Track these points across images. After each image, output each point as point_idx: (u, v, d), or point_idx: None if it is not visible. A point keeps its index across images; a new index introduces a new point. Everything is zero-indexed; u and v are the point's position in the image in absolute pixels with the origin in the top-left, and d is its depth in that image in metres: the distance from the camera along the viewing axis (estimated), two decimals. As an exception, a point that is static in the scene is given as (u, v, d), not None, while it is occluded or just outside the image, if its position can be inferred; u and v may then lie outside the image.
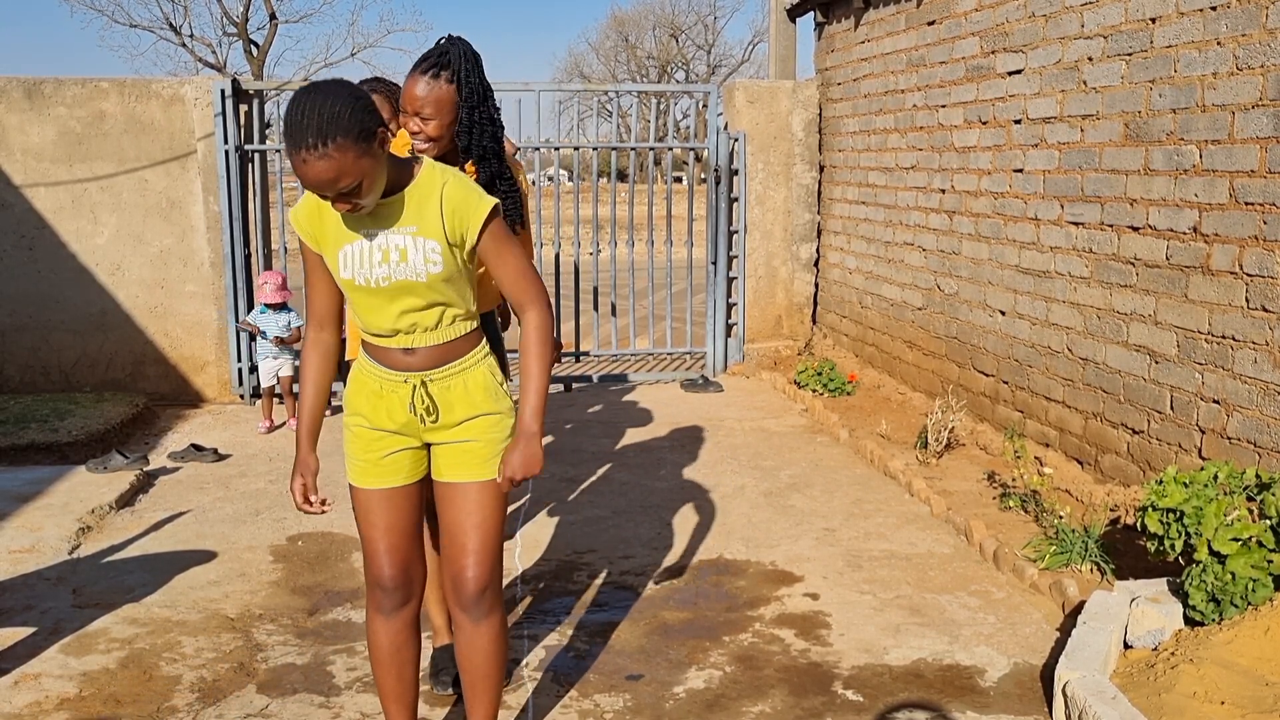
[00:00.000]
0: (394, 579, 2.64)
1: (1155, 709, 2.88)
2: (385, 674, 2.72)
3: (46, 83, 6.95)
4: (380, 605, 2.67)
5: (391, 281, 2.43)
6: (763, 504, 5.08)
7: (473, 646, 2.65)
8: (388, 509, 2.63)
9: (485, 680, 2.68)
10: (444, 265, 2.43)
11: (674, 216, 13.44)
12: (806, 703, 3.25)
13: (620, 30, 43.38)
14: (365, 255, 2.44)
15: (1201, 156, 4.32)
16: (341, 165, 2.23)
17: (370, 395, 2.59)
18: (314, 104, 2.23)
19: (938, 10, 6.44)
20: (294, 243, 8.08)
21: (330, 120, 2.21)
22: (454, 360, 2.55)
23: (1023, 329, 5.62)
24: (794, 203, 8.42)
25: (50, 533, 4.61)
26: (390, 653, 2.70)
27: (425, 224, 2.43)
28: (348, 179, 2.26)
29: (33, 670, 3.44)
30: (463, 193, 2.45)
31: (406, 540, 2.66)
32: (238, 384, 7.27)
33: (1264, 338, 4.01)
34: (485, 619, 2.63)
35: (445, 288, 2.47)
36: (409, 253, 2.42)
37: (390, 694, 2.74)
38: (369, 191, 2.32)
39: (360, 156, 2.26)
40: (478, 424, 2.57)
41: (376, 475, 2.61)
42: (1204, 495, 3.38)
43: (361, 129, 2.25)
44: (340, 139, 2.22)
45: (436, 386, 2.54)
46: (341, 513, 5.01)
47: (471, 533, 2.59)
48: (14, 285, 7.00)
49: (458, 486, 2.59)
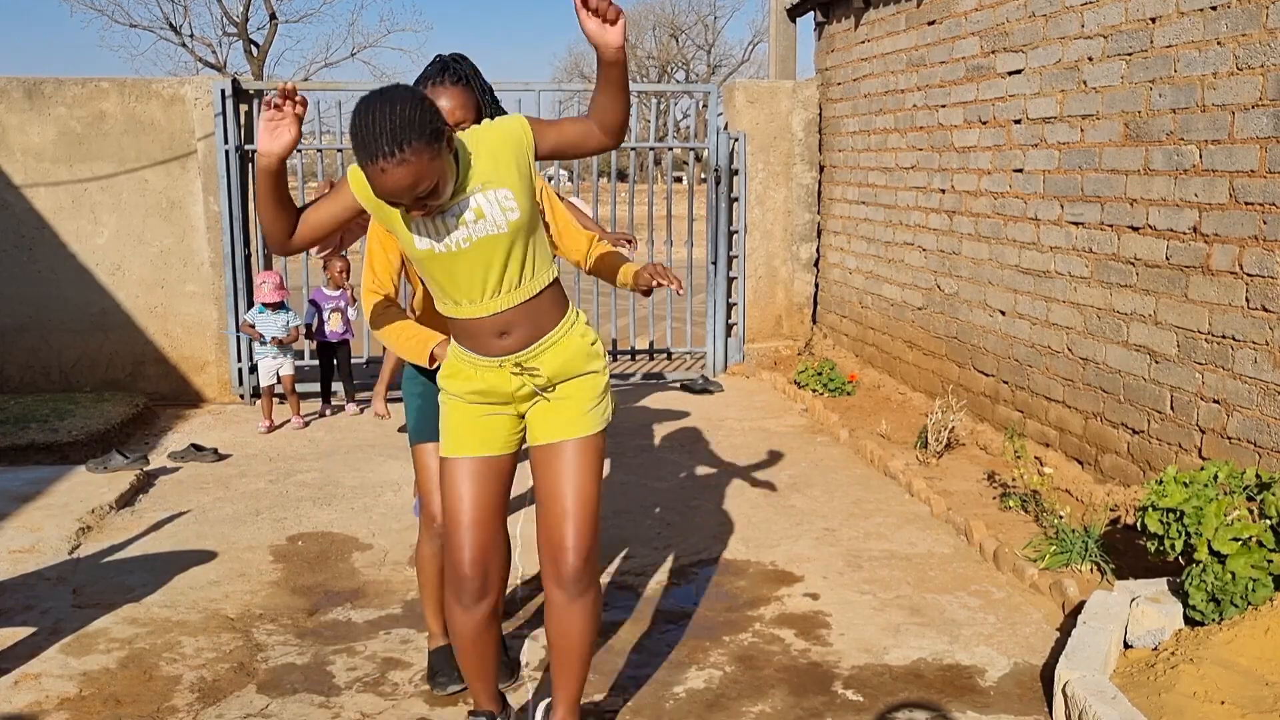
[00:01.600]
0: (473, 564, 2.62)
1: (1155, 709, 2.88)
2: (466, 657, 2.75)
3: (46, 83, 6.95)
4: (459, 596, 2.65)
5: (472, 241, 2.42)
6: (763, 504, 5.08)
7: (566, 623, 2.62)
8: (476, 481, 2.62)
9: (576, 657, 2.66)
10: (520, 210, 2.42)
11: (674, 216, 13.43)
12: (806, 703, 3.25)
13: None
14: (440, 224, 2.43)
15: (1201, 156, 4.32)
16: (419, 169, 2.22)
17: (471, 378, 2.60)
18: (382, 112, 2.21)
19: (938, 10, 6.44)
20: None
21: (402, 125, 2.20)
22: (546, 334, 2.55)
23: (1023, 329, 5.62)
24: (794, 203, 8.42)
25: (50, 533, 4.61)
26: (471, 639, 2.71)
27: (488, 175, 2.42)
28: (425, 182, 2.25)
29: (33, 670, 3.44)
30: (500, 125, 2.46)
31: (490, 518, 2.64)
32: (238, 384, 7.28)
33: (1264, 338, 4.01)
34: (582, 595, 2.60)
35: (525, 235, 2.46)
36: (484, 209, 2.41)
37: (473, 671, 2.78)
38: (443, 193, 2.31)
39: (434, 158, 2.25)
40: (571, 383, 2.58)
41: (475, 443, 2.62)
42: (1204, 495, 3.38)
43: (432, 130, 2.24)
44: (415, 142, 2.20)
45: (534, 360, 2.55)
46: (341, 512, 5.02)
47: (569, 494, 2.56)
48: (14, 285, 7.00)
49: (553, 447, 2.58)
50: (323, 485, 5.47)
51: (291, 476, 5.62)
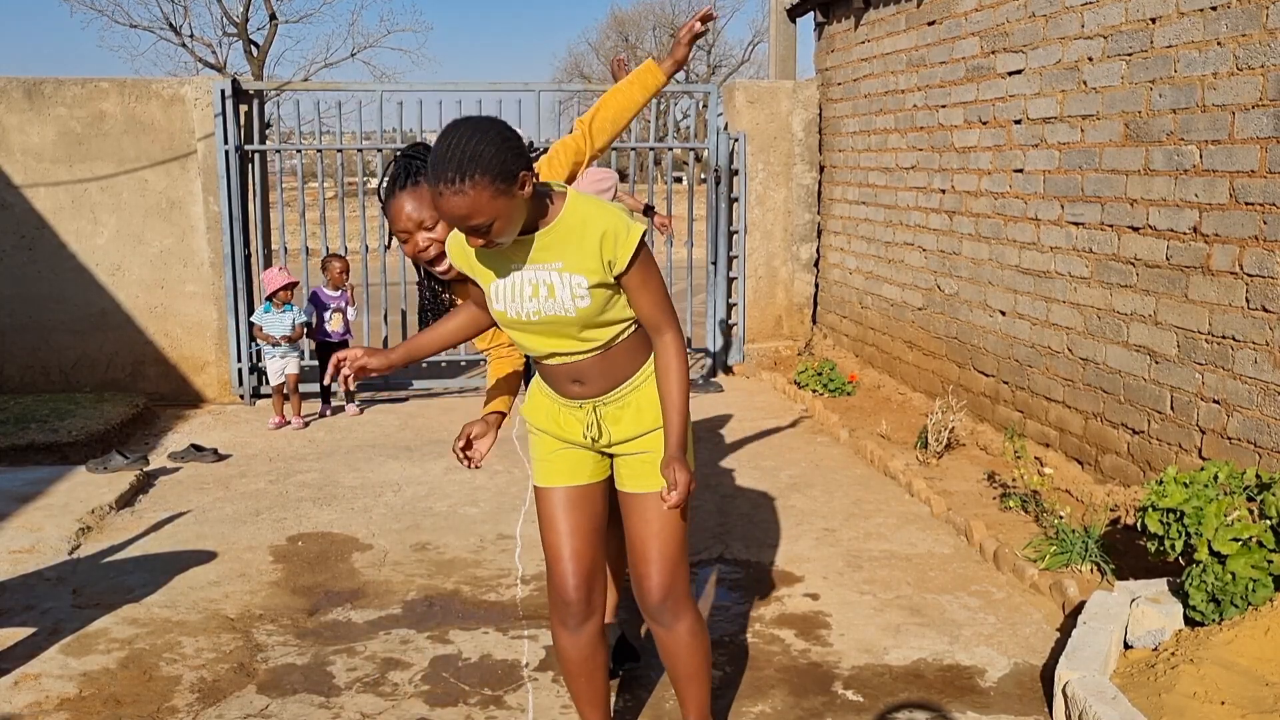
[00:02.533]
0: (577, 589, 2.63)
1: (1155, 709, 2.88)
2: (575, 681, 2.74)
3: (46, 83, 6.95)
4: (564, 620, 2.66)
5: (541, 317, 2.43)
6: (763, 504, 5.07)
7: (669, 650, 2.67)
8: (571, 511, 2.64)
9: (690, 679, 2.70)
10: (591, 301, 2.41)
11: (674, 216, 13.41)
12: (806, 703, 3.25)
13: (620, 30, 43.38)
14: (516, 289, 2.43)
15: (1201, 156, 4.32)
16: (475, 203, 2.22)
17: (551, 415, 2.62)
18: (460, 139, 2.22)
19: (938, 10, 6.44)
20: (294, 243, 8.09)
21: (472, 158, 2.20)
22: (623, 383, 2.54)
23: (1023, 329, 5.62)
24: (794, 203, 8.42)
25: (50, 533, 4.61)
26: (579, 663, 2.71)
27: (571, 259, 2.40)
28: (480, 217, 2.24)
29: (33, 670, 3.44)
30: (614, 223, 2.41)
31: (590, 547, 2.66)
32: (238, 384, 7.27)
33: (1264, 338, 4.01)
34: (675, 624, 2.63)
35: (592, 320, 2.45)
36: (556, 289, 2.40)
37: (582, 696, 2.76)
38: (502, 232, 2.29)
39: (496, 196, 2.23)
40: (654, 437, 2.57)
41: (562, 470, 2.63)
42: (1204, 495, 3.38)
43: (502, 170, 2.23)
44: (479, 177, 2.20)
45: (609, 409, 2.55)
46: (341, 512, 5.02)
47: (652, 541, 2.59)
48: (14, 285, 7.00)
49: (638, 497, 2.59)
50: (323, 485, 5.47)
51: (291, 477, 5.62)
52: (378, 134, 8.16)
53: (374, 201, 14.47)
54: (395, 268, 7.77)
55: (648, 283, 2.45)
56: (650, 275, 2.45)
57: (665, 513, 2.57)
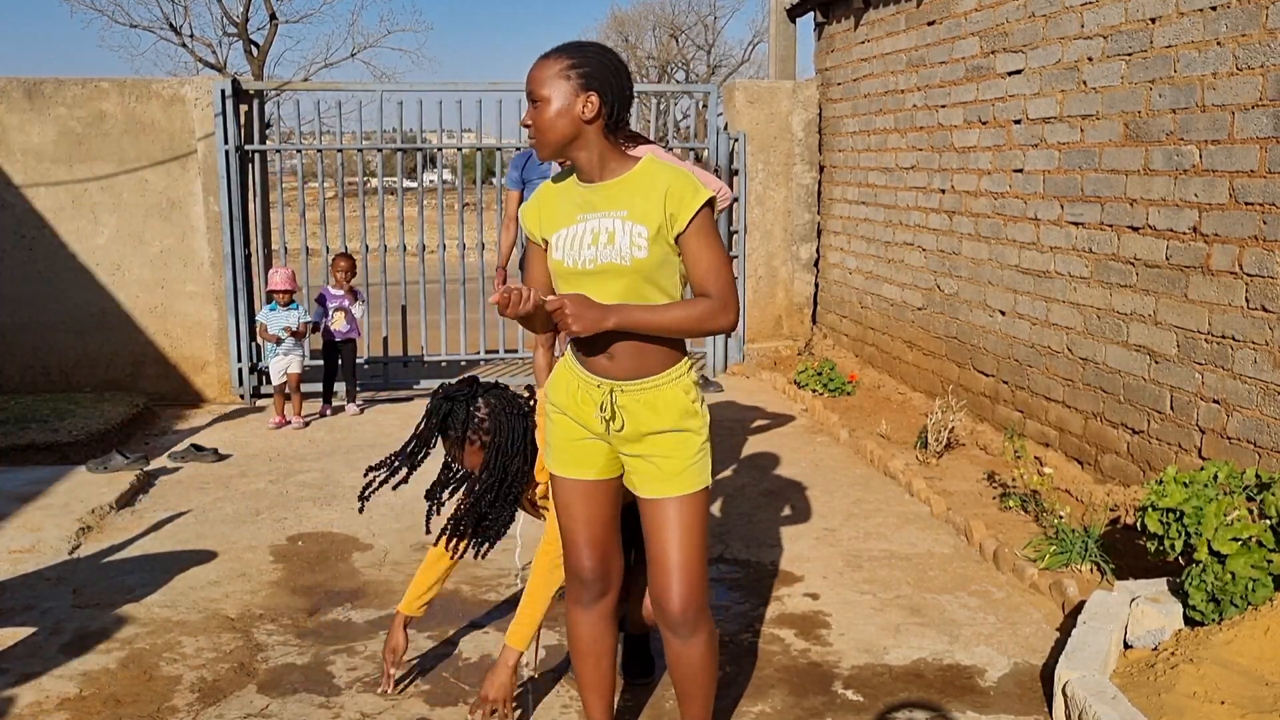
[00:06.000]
0: (593, 570, 2.68)
1: (1155, 709, 2.88)
2: (583, 664, 2.76)
3: (46, 83, 6.95)
4: (579, 598, 2.71)
5: (596, 264, 2.45)
6: (763, 504, 5.08)
7: (681, 661, 2.65)
8: (586, 502, 2.66)
9: (694, 692, 2.69)
10: (649, 252, 2.43)
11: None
12: (806, 703, 3.25)
13: (620, 30, 43.33)
14: (577, 238, 2.49)
15: (1201, 156, 4.32)
16: (543, 76, 2.43)
17: (570, 392, 2.62)
18: (587, 43, 2.49)
19: (938, 10, 6.44)
20: (294, 243, 8.09)
21: (576, 50, 2.45)
22: (650, 375, 2.54)
23: (1023, 329, 5.62)
24: (794, 203, 8.43)
25: (50, 533, 4.61)
26: (589, 643, 2.74)
27: (637, 209, 2.45)
28: (541, 88, 2.43)
29: (33, 670, 3.44)
30: (683, 180, 2.47)
31: (605, 532, 2.69)
32: (238, 384, 7.28)
33: (1264, 338, 4.01)
34: (693, 636, 2.61)
35: (647, 275, 2.46)
36: (616, 235, 2.44)
37: (588, 683, 2.79)
38: (545, 124, 2.44)
39: (560, 79, 2.42)
40: (666, 440, 2.55)
41: (575, 463, 2.64)
42: (1204, 495, 3.38)
43: (585, 74, 2.42)
44: (566, 60, 2.43)
45: (626, 398, 2.54)
46: (341, 512, 5.02)
47: (670, 549, 2.57)
48: (14, 285, 7.00)
49: (654, 503, 2.59)
50: (323, 485, 5.47)
51: (292, 476, 5.62)
52: (378, 134, 8.16)
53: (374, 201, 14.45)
54: (395, 268, 7.77)
55: (707, 250, 2.46)
56: (710, 244, 2.47)
57: (683, 521, 2.56)
